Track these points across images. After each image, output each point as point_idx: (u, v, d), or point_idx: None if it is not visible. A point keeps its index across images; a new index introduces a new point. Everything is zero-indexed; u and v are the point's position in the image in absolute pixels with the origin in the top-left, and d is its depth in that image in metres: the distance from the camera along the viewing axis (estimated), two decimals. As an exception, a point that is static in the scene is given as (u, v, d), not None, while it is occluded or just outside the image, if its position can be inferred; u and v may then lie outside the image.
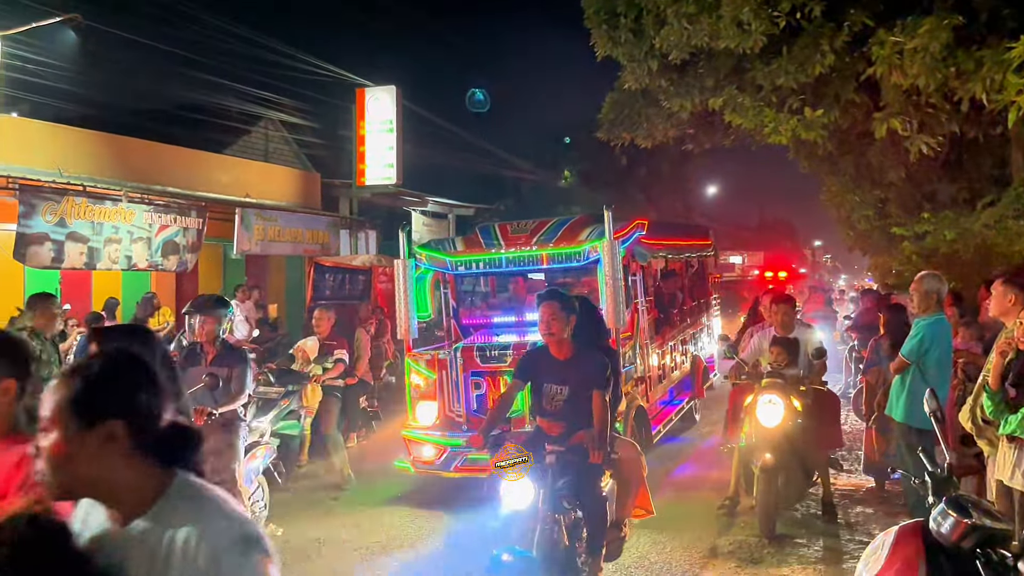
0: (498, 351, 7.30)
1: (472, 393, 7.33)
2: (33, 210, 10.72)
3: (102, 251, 11.71)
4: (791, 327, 6.54)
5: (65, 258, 11.21)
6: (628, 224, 7.72)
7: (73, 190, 11.34)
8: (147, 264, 12.50)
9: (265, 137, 19.89)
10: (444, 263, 7.86)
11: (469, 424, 7.20)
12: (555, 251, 7.35)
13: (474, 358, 7.32)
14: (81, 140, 12.76)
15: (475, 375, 7.30)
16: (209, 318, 5.77)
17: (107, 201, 11.75)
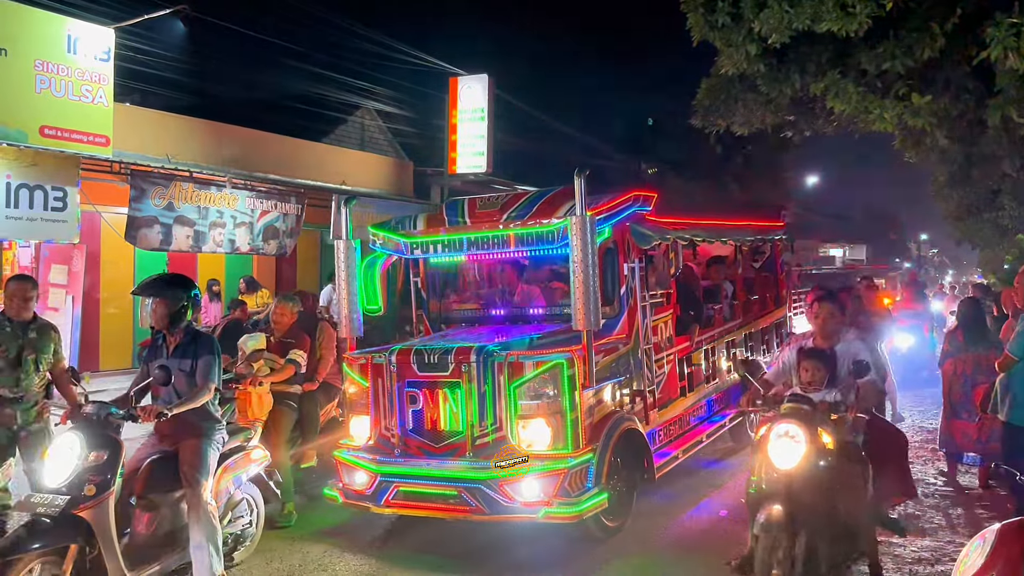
0: (438, 356, 5.77)
1: (407, 408, 5.87)
2: (143, 194, 11.32)
3: (207, 234, 12.26)
4: (835, 336, 5.07)
5: (173, 241, 11.80)
6: (618, 196, 6.39)
7: (181, 176, 11.90)
8: (249, 248, 13.02)
9: (361, 126, 20.35)
10: (399, 245, 6.79)
11: (403, 447, 5.88)
12: (525, 231, 6.17)
13: (410, 364, 5.84)
14: (189, 128, 13.36)
15: (411, 385, 5.86)
16: (160, 300, 4.93)
17: (212, 187, 12.29)
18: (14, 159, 9.94)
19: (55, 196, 10.32)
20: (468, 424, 5.68)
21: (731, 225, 8.78)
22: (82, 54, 10.48)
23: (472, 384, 5.67)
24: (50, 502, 4.27)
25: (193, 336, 5.05)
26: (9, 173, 9.91)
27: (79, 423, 4.60)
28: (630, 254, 6.56)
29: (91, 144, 10.59)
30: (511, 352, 5.70)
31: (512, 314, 7.12)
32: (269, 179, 13.60)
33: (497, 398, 5.65)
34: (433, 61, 18.32)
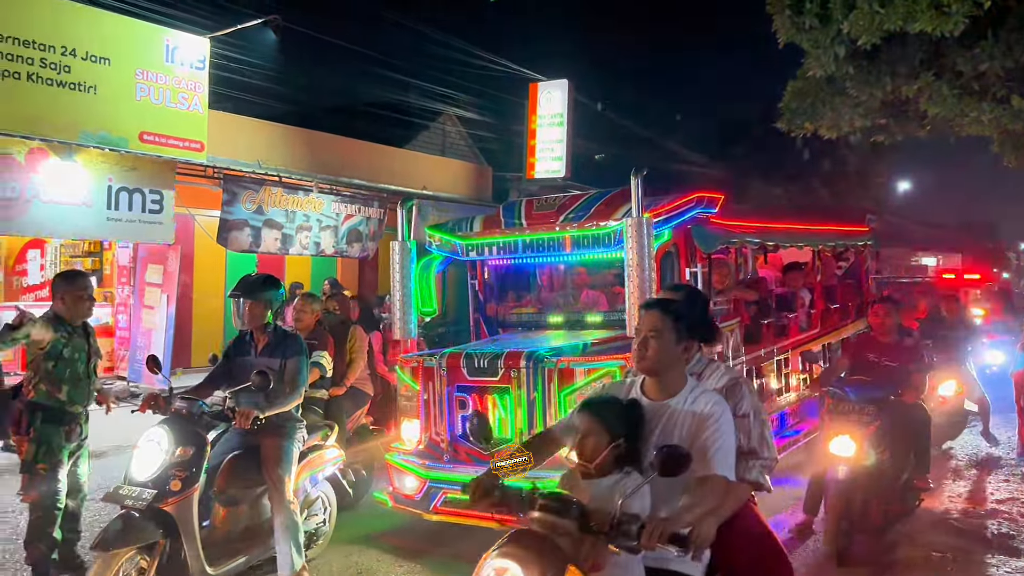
0: (488, 360, 5.64)
1: (456, 413, 5.76)
2: (235, 198, 11.76)
3: (294, 237, 12.65)
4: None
5: (261, 243, 12.22)
6: (680, 198, 6.13)
7: (270, 180, 12.32)
8: (333, 251, 13.39)
9: (443, 132, 20.65)
10: (455, 247, 6.67)
11: (451, 453, 5.80)
12: (581, 233, 5.95)
13: (460, 368, 5.73)
14: (279, 134, 13.82)
15: (461, 390, 5.74)
16: (254, 302, 4.93)
17: (300, 191, 12.68)
18: (115, 163, 10.47)
19: (152, 199, 10.81)
20: (517, 431, 5.52)
21: (808, 230, 8.31)
22: (179, 63, 10.98)
23: (521, 390, 5.51)
24: (138, 495, 4.28)
25: (282, 336, 5.01)
26: (111, 177, 10.44)
27: (168, 418, 4.58)
28: (692, 258, 6.21)
29: (186, 149, 11.08)
30: (562, 358, 5.51)
31: (573, 319, 6.88)
32: (353, 184, 13.94)
33: (547, 405, 5.48)
34: (514, 67, 18.46)
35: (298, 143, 14.06)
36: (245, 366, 4.87)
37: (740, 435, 2.97)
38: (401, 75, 17.32)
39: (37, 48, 9.65)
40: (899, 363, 6.04)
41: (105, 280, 12.98)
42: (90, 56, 10.13)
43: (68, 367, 5.00)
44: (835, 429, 5.60)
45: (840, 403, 5.74)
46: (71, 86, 9.98)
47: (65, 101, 9.92)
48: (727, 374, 3.16)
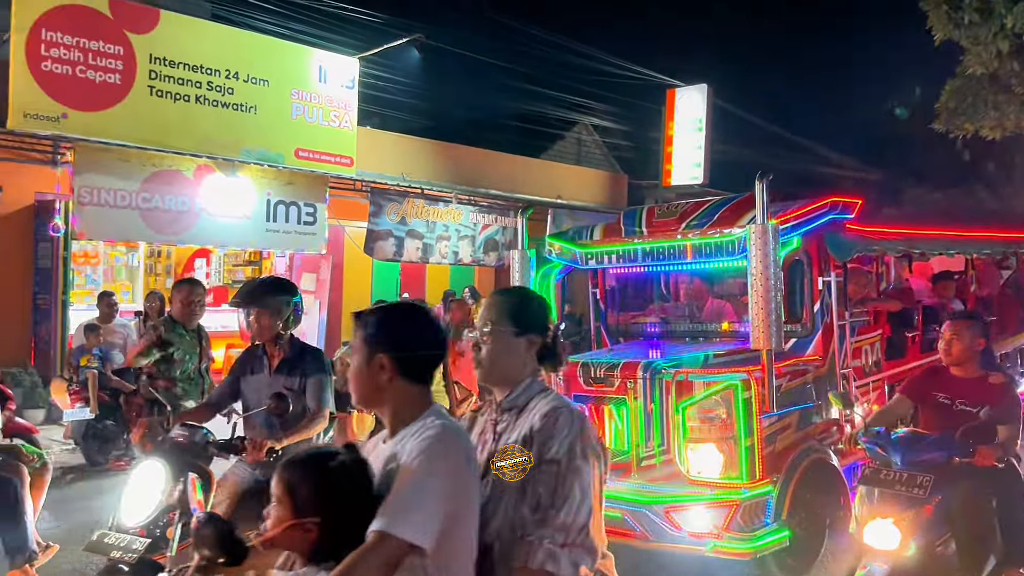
0: (604, 370, 5.52)
1: None
2: (380, 210, 12.34)
3: (434, 247, 13.13)
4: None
5: (404, 252, 12.77)
6: (811, 203, 5.79)
7: (413, 193, 12.86)
8: (471, 259, 13.79)
9: (578, 141, 20.76)
10: (574, 255, 6.50)
11: None
12: (703, 241, 5.65)
13: (576, 378, 5.62)
14: (421, 148, 14.36)
15: (577, 399, 5.50)
16: (260, 311, 4.09)
17: (440, 202, 13.15)
18: (273, 179, 11.24)
19: (307, 211, 11.53)
20: (633, 444, 5.38)
21: (960, 235, 7.57)
22: (331, 83, 11.64)
23: (638, 401, 5.36)
24: (127, 545, 3.56)
25: (300, 350, 4.20)
26: (269, 191, 11.21)
27: (166, 449, 3.85)
28: (825, 267, 5.87)
29: (337, 164, 11.73)
30: (680, 370, 5.34)
31: (696, 329, 6.63)
32: (490, 194, 14.28)
33: (665, 418, 5.31)
34: (651, 74, 18.32)
35: (439, 156, 14.55)
36: (256, 386, 4.15)
37: (538, 488, 2.12)
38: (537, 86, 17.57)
39: (204, 73, 10.49)
40: (980, 408, 4.33)
41: (262, 287, 13.90)
42: (251, 79, 10.90)
43: (179, 367, 5.27)
44: (872, 508, 4.11)
45: (881, 469, 4.17)
46: (234, 107, 10.78)
47: (228, 121, 10.73)
48: (552, 401, 2.26)
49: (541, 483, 2.12)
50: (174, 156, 10.26)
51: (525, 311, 2.36)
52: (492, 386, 2.35)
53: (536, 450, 2.15)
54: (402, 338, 2.16)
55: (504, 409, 2.29)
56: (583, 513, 2.11)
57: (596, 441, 2.25)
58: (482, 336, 2.32)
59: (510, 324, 2.31)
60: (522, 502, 2.12)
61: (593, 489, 2.17)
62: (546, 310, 2.43)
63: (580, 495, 2.11)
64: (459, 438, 2.10)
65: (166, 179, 10.24)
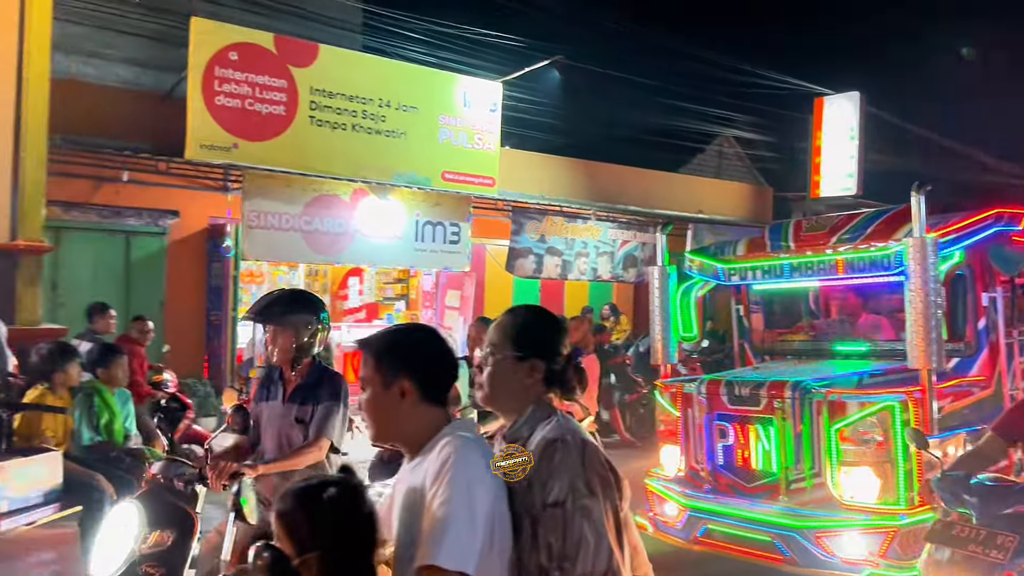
0: (750, 389, 5.43)
1: (717, 442, 5.59)
2: (521, 228, 12.64)
3: (573, 263, 13.28)
4: None
5: (544, 269, 12.99)
6: (973, 215, 5.56)
7: (552, 210, 13.07)
8: (610, 276, 13.83)
9: (719, 153, 20.35)
10: (716, 271, 6.47)
11: (712, 481, 5.62)
12: (855, 255, 5.48)
13: (720, 396, 5.56)
14: (560, 166, 14.58)
15: (721, 418, 5.57)
16: (278, 328, 3.59)
17: (579, 219, 13.30)
18: (421, 200, 11.76)
19: (452, 231, 11.98)
20: (782, 465, 5.27)
21: None
22: (475, 107, 12.06)
23: (787, 422, 5.24)
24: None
25: (319, 376, 3.67)
26: (418, 212, 11.72)
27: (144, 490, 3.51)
28: (990, 282, 5.65)
29: (480, 185, 12.12)
30: (832, 390, 5.18)
31: (848, 348, 6.46)
32: (629, 210, 14.28)
33: (815, 440, 5.17)
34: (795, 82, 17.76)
35: (578, 173, 14.70)
36: (269, 414, 3.66)
37: (548, 536, 1.93)
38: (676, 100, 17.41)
39: (359, 102, 11.11)
40: None
41: (411, 304, 14.46)
42: (401, 106, 11.45)
43: None
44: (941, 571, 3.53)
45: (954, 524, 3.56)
46: (386, 133, 11.35)
47: (381, 147, 11.31)
48: (549, 432, 2.05)
49: (550, 530, 1.93)
50: (332, 181, 10.93)
51: (530, 333, 2.17)
52: (496, 412, 2.22)
53: (537, 494, 1.95)
54: (422, 359, 2.07)
55: (510, 440, 2.12)
56: (602, 558, 1.91)
57: (603, 466, 2.02)
58: (484, 358, 2.18)
59: (511, 347, 2.14)
60: (535, 549, 1.94)
61: (608, 523, 1.95)
62: (556, 332, 2.21)
63: (594, 538, 1.91)
64: (478, 450, 1.99)
65: (325, 203, 10.94)
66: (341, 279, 13.97)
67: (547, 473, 1.95)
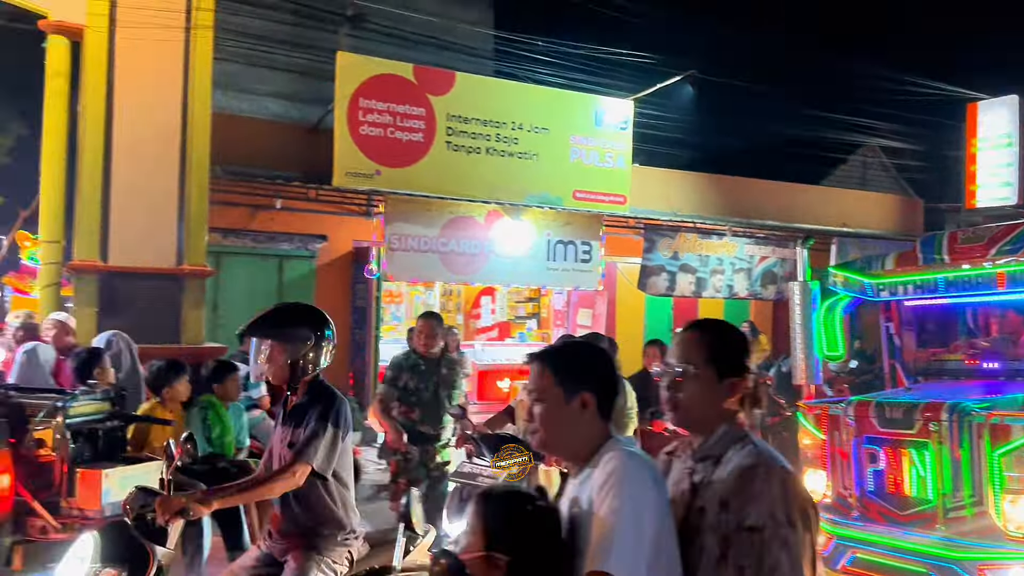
0: (902, 411, 5.10)
1: (866, 467, 5.30)
2: (653, 246, 12.51)
3: (708, 281, 13.01)
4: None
5: (677, 287, 12.80)
6: None
7: (685, 227, 12.88)
8: (747, 293, 13.45)
9: (862, 164, 19.46)
10: (863, 287, 6.15)
11: (861, 508, 5.32)
12: (1018, 268, 5.17)
13: (870, 418, 5.28)
14: (693, 182, 14.36)
15: (870, 442, 5.28)
16: (275, 343, 3.29)
17: (713, 236, 13.03)
18: (552, 220, 11.88)
19: (583, 250, 12.03)
20: (939, 492, 4.95)
21: None
22: (606, 125, 12.10)
23: (943, 446, 4.91)
24: None
25: (316, 394, 3.33)
26: (549, 231, 11.85)
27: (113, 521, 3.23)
28: None
29: (611, 203, 12.13)
30: (995, 412, 4.84)
31: (1013, 367, 6.01)
32: (766, 225, 13.86)
33: (976, 465, 4.83)
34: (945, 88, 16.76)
35: (711, 189, 14.43)
36: (274, 439, 3.43)
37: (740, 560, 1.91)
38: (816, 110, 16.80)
39: (492, 126, 11.38)
40: None
41: (543, 323, 14.58)
42: (533, 128, 11.64)
43: (414, 395, 5.55)
44: None
45: None
46: (518, 155, 11.57)
47: (514, 169, 11.53)
48: (748, 456, 2.00)
49: (743, 554, 1.91)
50: (468, 204, 11.24)
51: (725, 350, 2.14)
52: (685, 429, 2.19)
53: (734, 515, 1.93)
54: (601, 374, 2.12)
55: (699, 458, 2.10)
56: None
57: (803, 498, 1.98)
58: (677, 377, 2.11)
59: (710, 366, 2.09)
60: (723, 568, 1.93)
61: (805, 556, 1.92)
62: (746, 347, 2.19)
63: (790, 569, 1.88)
64: (644, 464, 2.01)
65: (461, 225, 11.25)
66: (474, 298, 14.27)
67: (746, 497, 1.93)
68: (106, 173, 8.55)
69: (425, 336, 5.62)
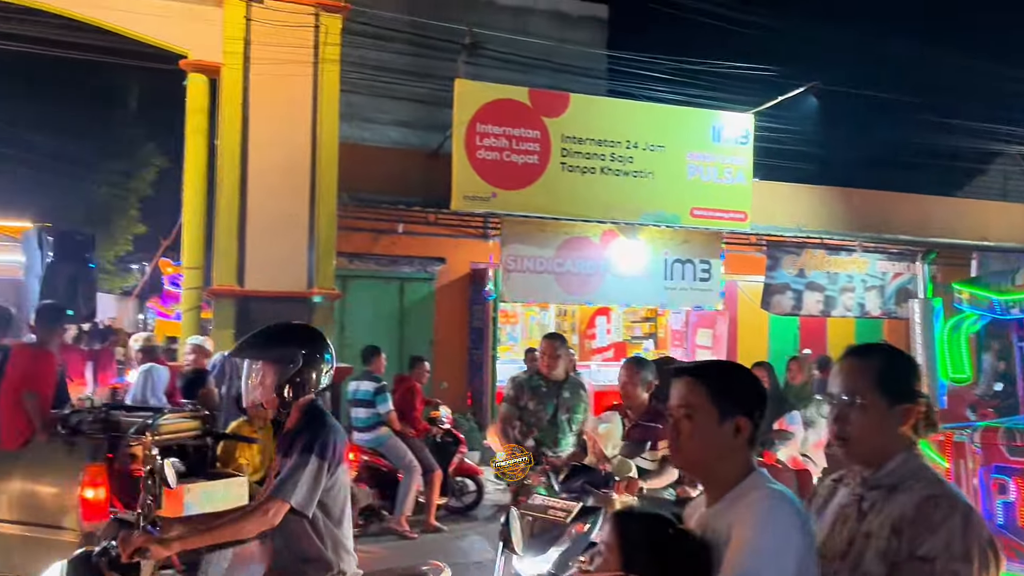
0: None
1: (994, 498, 4.90)
2: (777, 263, 12.10)
3: (837, 299, 12.46)
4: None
5: (804, 306, 12.31)
6: None
7: (811, 243, 12.39)
8: (880, 311, 12.81)
9: (1003, 174, 18.25)
10: (991, 304, 5.75)
11: None
12: None
13: (998, 446, 4.90)
14: (818, 196, 13.83)
15: (999, 471, 4.89)
16: (266, 363, 3.01)
17: (842, 252, 12.49)
18: (670, 238, 11.69)
19: (702, 268, 11.76)
20: None
21: None
22: (724, 141, 11.85)
23: None
24: None
25: (306, 421, 3.02)
26: (666, 250, 11.66)
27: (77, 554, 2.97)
28: None
29: (731, 220, 11.82)
30: None
31: None
32: (900, 240, 13.16)
33: None
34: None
35: (838, 203, 13.85)
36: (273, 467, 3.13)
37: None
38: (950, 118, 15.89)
39: (607, 145, 11.35)
40: None
41: (659, 343, 14.31)
42: (648, 146, 11.53)
43: (533, 416, 5.42)
44: None
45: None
46: (634, 174, 11.47)
47: (629, 188, 11.43)
48: (930, 487, 1.89)
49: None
50: (583, 224, 11.22)
51: (893, 375, 1.99)
52: (855, 462, 2.04)
53: (906, 543, 1.84)
54: (758, 399, 2.00)
55: (871, 486, 1.97)
56: None
57: (986, 540, 1.85)
58: (844, 408, 1.98)
59: (880, 395, 1.95)
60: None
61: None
62: (915, 369, 2.06)
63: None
64: (791, 506, 1.89)
65: (576, 245, 11.23)
66: (589, 318, 14.18)
67: (923, 527, 1.84)
68: (242, 203, 9.05)
69: (548, 357, 5.54)
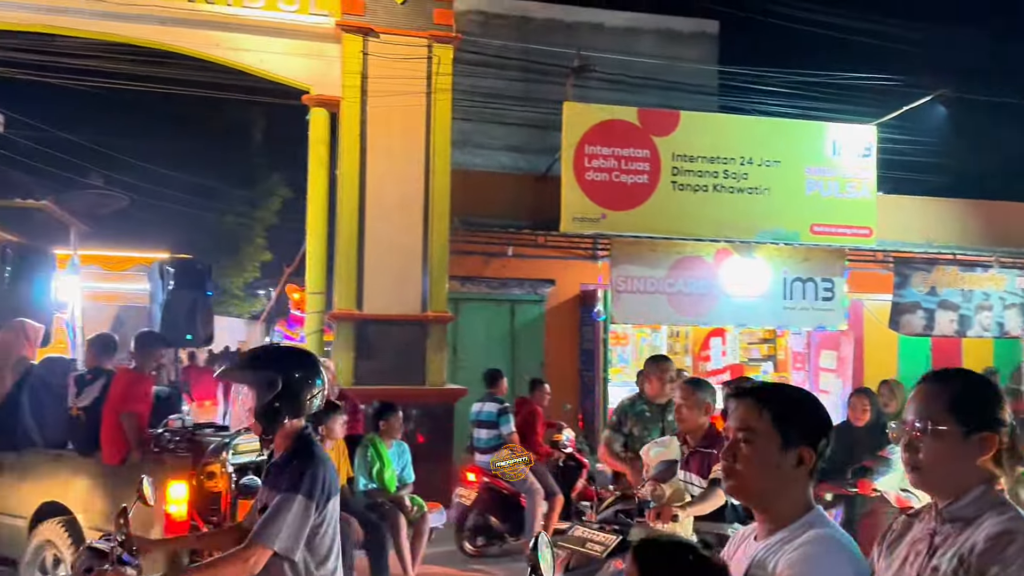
0: None
1: None
2: (906, 280, 11.46)
3: (972, 318, 11.68)
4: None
5: (935, 325, 11.60)
6: None
7: (943, 259, 11.71)
8: (1021, 331, 11.92)
9: None
10: None
11: None
12: None
13: None
14: (949, 209, 13.10)
15: None
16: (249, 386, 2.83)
17: (977, 268, 11.73)
18: (788, 256, 11.28)
19: (824, 287, 11.28)
20: None
21: None
22: (845, 154, 11.37)
23: None
24: None
25: (293, 451, 2.83)
26: (785, 269, 11.26)
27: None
28: None
29: (855, 236, 11.32)
30: None
31: None
32: (1042, 255, 12.25)
33: None
34: None
35: (972, 216, 13.06)
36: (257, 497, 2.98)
37: None
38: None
39: (719, 162, 11.09)
40: None
41: (779, 366, 13.79)
42: (763, 161, 11.19)
43: (638, 441, 5.23)
44: None
45: None
46: (748, 191, 11.15)
47: (743, 205, 11.12)
48: (1007, 522, 1.74)
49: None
50: (696, 243, 10.98)
51: (970, 402, 1.86)
52: (928, 492, 1.92)
53: (974, 572, 1.72)
54: (825, 430, 1.92)
55: (945, 519, 1.85)
56: None
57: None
58: (915, 435, 1.86)
59: (955, 422, 1.82)
60: None
61: None
62: (997, 396, 1.90)
63: None
64: (846, 552, 1.81)
65: (689, 265, 10.99)
66: (703, 340, 13.84)
67: (992, 559, 1.73)
68: (360, 230, 9.39)
69: (653, 381, 5.46)
